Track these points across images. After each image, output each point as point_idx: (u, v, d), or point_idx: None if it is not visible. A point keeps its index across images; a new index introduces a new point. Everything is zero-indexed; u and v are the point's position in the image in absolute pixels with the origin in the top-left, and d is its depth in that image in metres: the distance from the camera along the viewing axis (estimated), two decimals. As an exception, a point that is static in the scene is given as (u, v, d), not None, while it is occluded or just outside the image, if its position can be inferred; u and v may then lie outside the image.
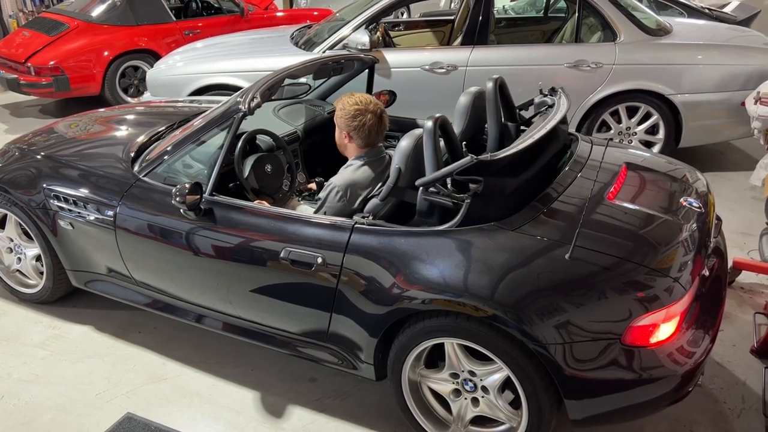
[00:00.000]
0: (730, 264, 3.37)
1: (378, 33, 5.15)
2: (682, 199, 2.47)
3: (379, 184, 2.60)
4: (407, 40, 6.22)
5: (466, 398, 2.35)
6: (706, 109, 4.78)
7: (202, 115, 2.99)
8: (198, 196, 2.52)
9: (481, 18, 4.84)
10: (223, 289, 2.64)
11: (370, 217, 2.36)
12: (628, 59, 4.72)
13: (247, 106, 2.61)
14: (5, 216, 3.30)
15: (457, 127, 2.90)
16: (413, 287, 2.17)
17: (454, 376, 2.33)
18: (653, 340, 2.03)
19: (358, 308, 2.32)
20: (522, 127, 3.05)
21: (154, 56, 6.92)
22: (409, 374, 2.38)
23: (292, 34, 5.57)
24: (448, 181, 2.29)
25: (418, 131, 2.43)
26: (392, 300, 2.22)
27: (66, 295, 3.40)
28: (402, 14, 8.12)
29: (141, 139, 3.25)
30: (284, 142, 3.18)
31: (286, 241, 2.42)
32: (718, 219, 2.76)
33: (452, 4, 8.60)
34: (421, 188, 2.29)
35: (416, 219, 2.35)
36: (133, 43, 6.90)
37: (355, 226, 2.32)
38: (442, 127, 2.49)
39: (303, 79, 3.74)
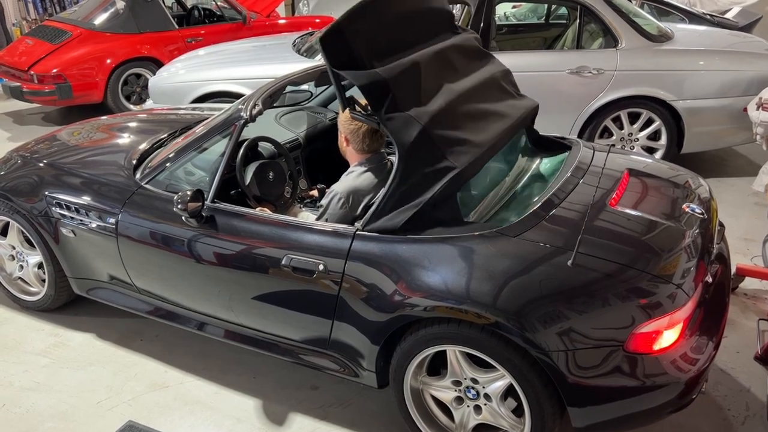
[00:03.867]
0: (733, 270, 3.36)
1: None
2: (684, 206, 2.46)
3: (381, 191, 2.60)
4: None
5: (468, 406, 2.34)
6: (708, 115, 4.78)
7: (204, 122, 2.99)
8: (200, 204, 2.53)
9: (482, 24, 4.85)
10: (224, 296, 2.64)
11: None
12: (630, 65, 4.72)
13: (248, 113, 2.62)
14: (7, 224, 3.30)
15: None
16: (415, 294, 2.17)
17: (457, 383, 2.32)
18: (656, 347, 2.02)
19: (360, 315, 2.32)
20: None
21: (156, 64, 6.94)
22: (411, 382, 2.37)
23: (294, 41, 5.58)
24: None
25: None
26: (394, 307, 2.21)
27: (68, 302, 3.40)
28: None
29: (143, 146, 3.26)
30: (286, 149, 3.19)
31: (287, 248, 2.41)
32: (721, 225, 2.75)
33: (454, 11, 8.61)
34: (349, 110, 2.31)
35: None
36: (135, 51, 6.92)
37: (357, 232, 2.32)
38: None
39: (305, 86, 3.74)
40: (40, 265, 3.29)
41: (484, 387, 2.26)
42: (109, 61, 6.76)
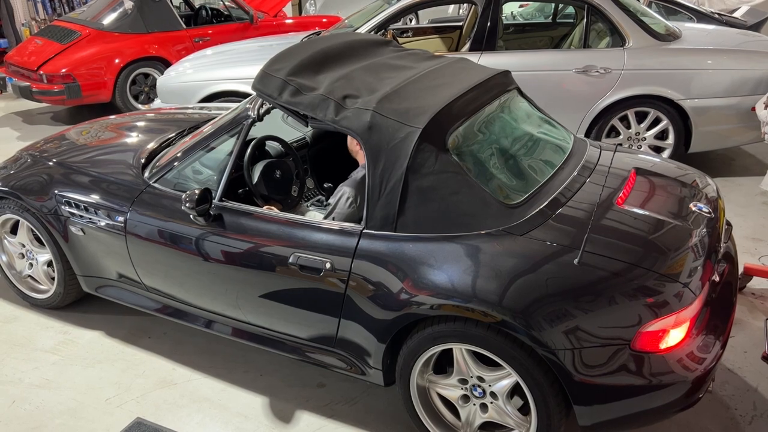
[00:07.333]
0: (741, 270, 3.35)
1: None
2: (691, 204, 2.46)
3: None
4: (416, 46, 6.23)
5: (474, 404, 2.34)
6: (716, 114, 4.76)
7: (212, 121, 3.01)
8: (207, 202, 2.54)
9: (489, 24, 4.86)
10: (232, 294, 2.65)
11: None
12: (637, 64, 4.71)
13: (256, 112, 2.64)
14: (17, 222, 3.33)
15: None
16: (421, 293, 2.17)
17: (463, 381, 2.32)
18: (663, 345, 2.02)
19: (367, 314, 2.33)
20: None
21: (164, 63, 6.98)
22: (417, 380, 2.38)
23: (302, 41, 5.59)
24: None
25: None
26: (400, 305, 2.22)
27: (77, 300, 3.43)
28: (410, 20, 8.14)
29: (151, 145, 3.28)
30: (293, 149, 3.20)
31: (295, 246, 2.43)
32: (729, 224, 2.74)
33: (461, 11, 8.61)
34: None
35: None
36: (143, 51, 6.96)
37: (364, 231, 2.33)
38: None
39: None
40: (49, 263, 3.32)
41: (490, 385, 2.26)
42: (117, 60, 6.79)
